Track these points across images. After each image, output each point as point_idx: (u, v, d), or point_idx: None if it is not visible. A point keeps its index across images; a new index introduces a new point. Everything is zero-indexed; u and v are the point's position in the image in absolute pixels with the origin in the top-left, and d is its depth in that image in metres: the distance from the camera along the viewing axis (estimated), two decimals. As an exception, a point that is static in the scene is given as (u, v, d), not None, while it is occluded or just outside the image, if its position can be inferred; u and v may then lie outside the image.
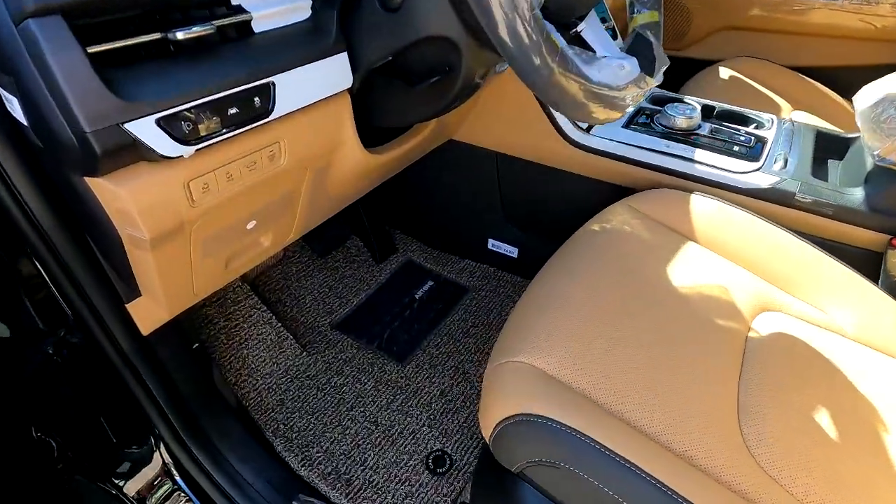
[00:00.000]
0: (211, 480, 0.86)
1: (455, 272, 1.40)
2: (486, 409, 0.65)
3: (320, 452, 0.95)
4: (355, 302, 1.30)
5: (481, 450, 0.75)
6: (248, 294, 1.11)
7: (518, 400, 0.58)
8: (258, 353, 1.08)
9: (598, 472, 0.51)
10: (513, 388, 0.60)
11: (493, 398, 0.64)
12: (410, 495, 0.89)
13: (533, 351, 0.63)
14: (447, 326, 1.23)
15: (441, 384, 1.09)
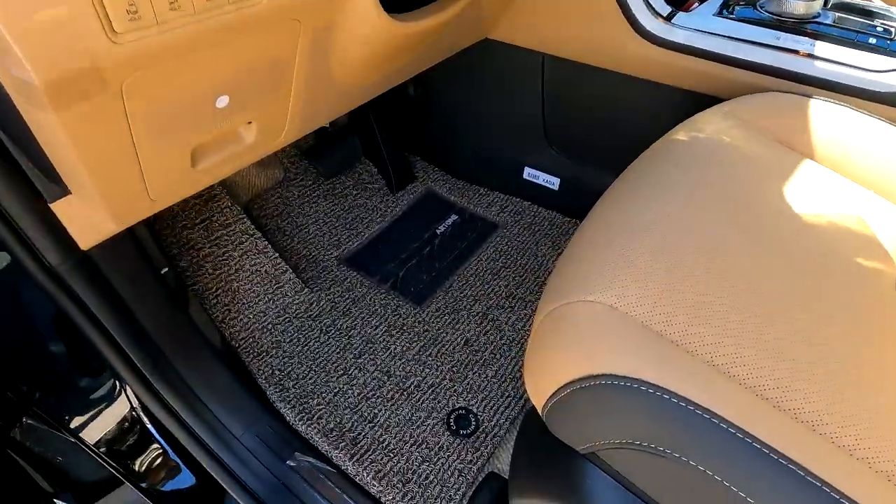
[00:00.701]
0: (189, 432, 0.72)
1: (483, 206, 1.20)
2: (540, 366, 0.48)
3: (322, 405, 0.80)
4: (367, 235, 1.12)
5: (524, 415, 0.58)
6: (240, 217, 0.93)
7: (600, 355, 0.40)
8: (251, 286, 0.92)
9: (742, 473, 0.33)
10: (590, 337, 0.42)
11: (552, 351, 0.46)
12: (428, 460, 0.74)
13: (614, 288, 0.44)
14: (473, 266, 1.05)
15: (465, 332, 0.92)
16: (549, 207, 1.17)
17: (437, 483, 0.72)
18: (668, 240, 0.49)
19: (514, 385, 0.83)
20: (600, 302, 0.44)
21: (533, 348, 0.52)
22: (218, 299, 0.87)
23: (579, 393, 0.41)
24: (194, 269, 0.86)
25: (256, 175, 1.07)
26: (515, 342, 0.90)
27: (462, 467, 0.73)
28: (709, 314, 0.42)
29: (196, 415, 0.71)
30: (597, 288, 0.45)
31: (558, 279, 0.52)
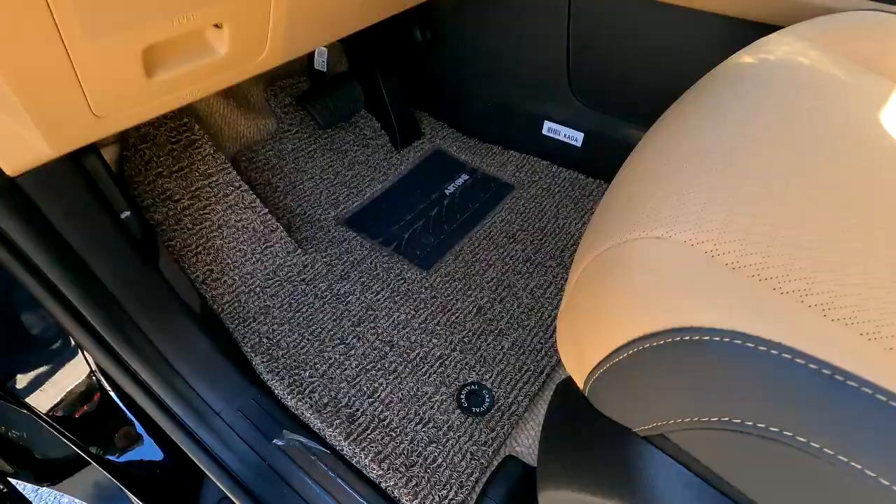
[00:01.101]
0: (159, 405, 0.62)
1: (497, 166, 1.09)
2: (581, 328, 0.37)
3: (315, 377, 0.70)
4: (368, 194, 1.01)
5: (556, 390, 0.48)
6: (224, 167, 0.83)
7: (682, 303, 0.29)
8: (236, 245, 0.81)
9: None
10: (664, 282, 0.31)
11: (601, 305, 0.35)
12: (435, 440, 0.65)
13: (691, 220, 0.33)
14: (486, 229, 0.94)
15: (478, 299, 0.81)
16: (571, 167, 1.06)
17: (446, 467, 0.62)
18: (754, 165, 0.38)
19: (533, 358, 0.73)
20: (672, 237, 0.33)
21: (571, 307, 0.41)
22: (198, 258, 0.77)
23: (645, 356, 0.31)
24: (171, 222, 0.76)
25: (245, 125, 0.95)
26: (534, 311, 0.79)
27: (475, 449, 0.64)
28: (818, 257, 0.31)
29: (168, 385, 0.61)
30: (667, 220, 0.34)
31: (605, 218, 0.41)
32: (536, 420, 0.67)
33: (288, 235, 0.86)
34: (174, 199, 0.77)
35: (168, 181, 0.77)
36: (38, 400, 0.59)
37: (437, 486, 0.61)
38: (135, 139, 0.75)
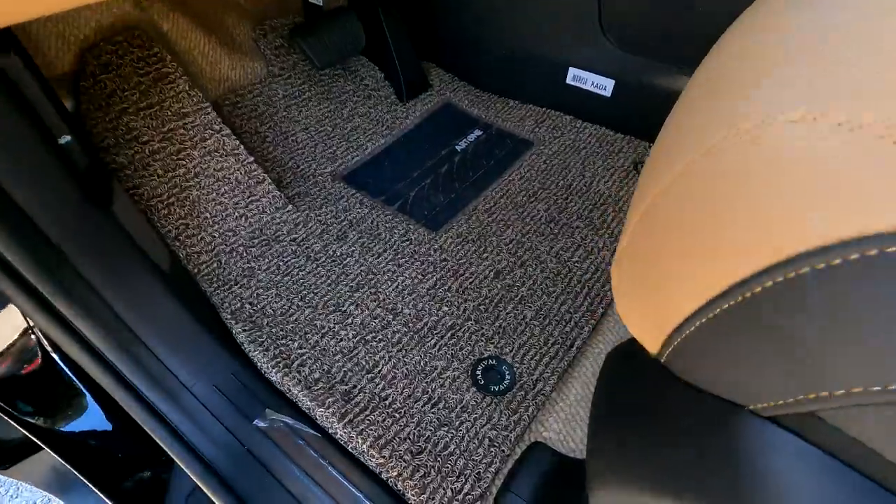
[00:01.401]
0: (115, 375, 0.51)
1: (513, 121, 0.97)
2: (679, 266, 0.26)
3: (305, 348, 0.60)
4: (369, 149, 0.90)
5: (609, 359, 0.37)
6: (202, 107, 0.71)
7: (853, 203, 0.18)
8: (216, 197, 0.70)
9: None
10: (824, 176, 0.19)
11: (705, 230, 0.24)
12: (447, 423, 0.54)
13: (837, 94, 0.22)
14: (504, 187, 0.83)
15: (495, 262, 0.70)
16: (597, 121, 0.94)
17: (459, 455, 0.52)
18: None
19: (561, 329, 0.62)
20: (821, 118, 0.22)
21: (633, 251, 0.30)
22: (170, 210, 0.66)
23: (783, 294, 0.20)
24: (137, 167, 0.65)
25: (230, 66, 0.84)
26: (561, 276, 0.68)
27: (494, 435, 0.53)
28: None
29: (124, 352, 0.51)
30: (807, 95, 0.22)
31: (692, 120, 0.30)
32: (566, 400, 0.56)
33: (277, 189, 0.75)
34: (141, 141, 0.66)
35: (134, 119, 0.65)
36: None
37: (450, 477, 0.50)
38: (94, 67, 0.64)
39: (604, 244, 0.72)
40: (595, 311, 0.64)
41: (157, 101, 0.67)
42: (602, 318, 0.64)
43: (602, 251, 0.71)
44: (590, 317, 0.63)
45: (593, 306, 0.64)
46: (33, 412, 0.54)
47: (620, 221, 0.75)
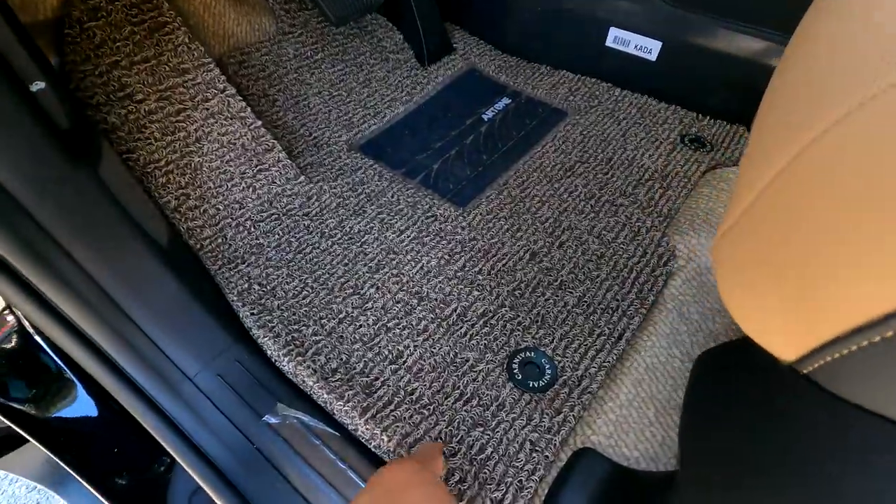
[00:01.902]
0: (109, 365, 0.45)
1: (545, 88, 0.88)
2: (837, 255, 0.19)
3: (321, 335, 0.53)
4: (388, 116, 0.82)
5: (707, 358, 0.30)
6: (204, 63, 0.63)
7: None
8: (220, 164, 0.63)
9: None
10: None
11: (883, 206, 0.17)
12: (482, 423, 0.48)
13: None
14: (536, 161, 0.75)
15: (531, 242, 0.63)
16: (639, 89, 0.85)
17: (498, 459, 0.45)
18: None
19: (607, 318, 0.55)
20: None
21: (750, 232, 0.24)
22: (169, 178, 0.59)
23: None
24: (131, 128, 0.57)
25: (235, 21, 0.76)
26: (605, 258, 0.61)
27: (536, 437, 0.47)
28: None
29: (117, 337, 0.44)
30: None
31: (832, 71, 0.22)
32: (616, 400, 0.49)
33: (288, 159, 0.68)
34: (136, 99, 0.58)
35: (127, 73, 0.58)
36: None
37: (489, 485, 0.44)
38: (80, 13, 0.56)
39: (652, 224, 0.64)
40: (645, 300, 0.57)
41: (153, 55, 0.60)
42: (653, 307, 0.57)
43: (651, 231, 0.63)
44: (639, 305, 0.56)
45: (643, 293, 0.57)
46: (17, 400, 0.48)
47: (669, 199, 0.67)
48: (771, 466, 0.22)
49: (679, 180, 0.70)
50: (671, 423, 0.48)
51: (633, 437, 0.47)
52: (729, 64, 0.75)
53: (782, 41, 0.70)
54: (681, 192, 0.68)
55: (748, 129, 0.77)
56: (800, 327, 0.22)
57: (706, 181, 0.70)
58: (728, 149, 0.74)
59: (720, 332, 0.55)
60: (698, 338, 0.55)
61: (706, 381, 0.30)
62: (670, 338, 0.54)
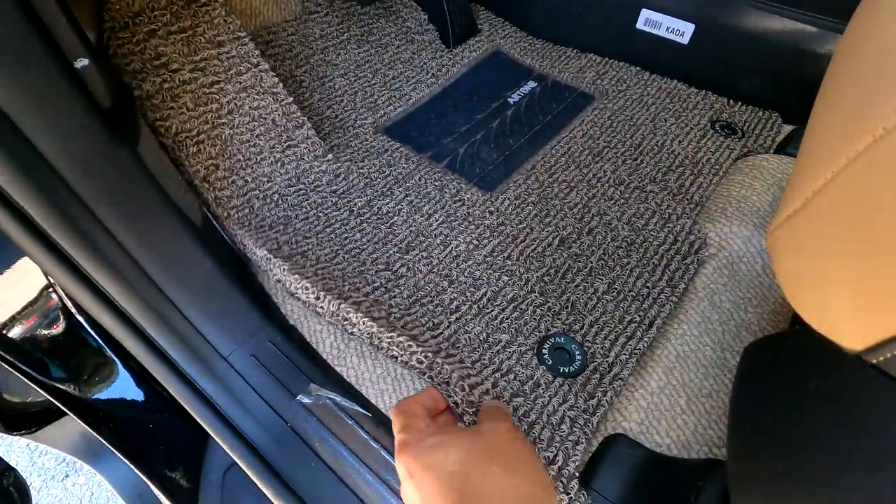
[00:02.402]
0: (148, 343, 0.46)
1: (571, 72, 0.87)
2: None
3: (350, 310, 0.54)
4: (413, 99, 0.81)
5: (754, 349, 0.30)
6: (239, 37, 0.63)
7: None
8: (250, 137, 0.63)
9: None
10: None
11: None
12: (522, 395, 0.48)
13: None
14: (564, 145, 0.74)
15: (560, 228, 0.63)
16: (669, 73, 0.83)
17: (544, 425, 0.45)
18: None
19: (637, 305, 0.55)
20: None
21: (823, 211, 0.23)
22: (200, 148, 0.59)
23: None
24: (165, 97, 0.57)
25: (263, 0, 0.75)
26: (635, 245, 0.60)
27: (574, 415, 0.47)
28: None
29: (156, 316, 0.45)
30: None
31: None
32: (647, 387, 0.49)
33: (316, 135, 0.68)
34: (171, 69, 0.58)
35: (163, 43, 0.57)
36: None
37: (539, 444, 0.44)
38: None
39: (683, 211, 0.63)
40: (676, 287, 0.56)
41: (189, 26, 0.59)
42: (684, 295, 0.56)
43: (681, 219, 0.63)
44: (670, 293, 0.56)
45: (674, 281, 0.57)
46: (61, 379, 0.49)
47: (700, 186, 0.66)
48: (836, 456, 0.22)
49: (710, 167, 0.69)
50: (703, 411, 0.48)
51: (665, 424, 0.47)
52: (763, 48, 0.73)
53: (821, 24, 0.68)
54: (712, 180, 0.67)
55: (781, 115, 0.76)
56: (871, 317, 0.21)
57: (738, 168, 0.68)
58: (760, 136, 0.73)
59: (752, 322, 0.55)
60: (729, 326, 0.54)
61: (757, 372, 0.29)
62: (701, 326, 0.54)
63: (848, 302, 0.23)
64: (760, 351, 0.30)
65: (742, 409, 0.29)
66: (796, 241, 0.26)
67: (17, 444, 1.01)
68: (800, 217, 0.26)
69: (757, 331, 0.54)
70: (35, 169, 0.37)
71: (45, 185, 0.37)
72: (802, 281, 0.25)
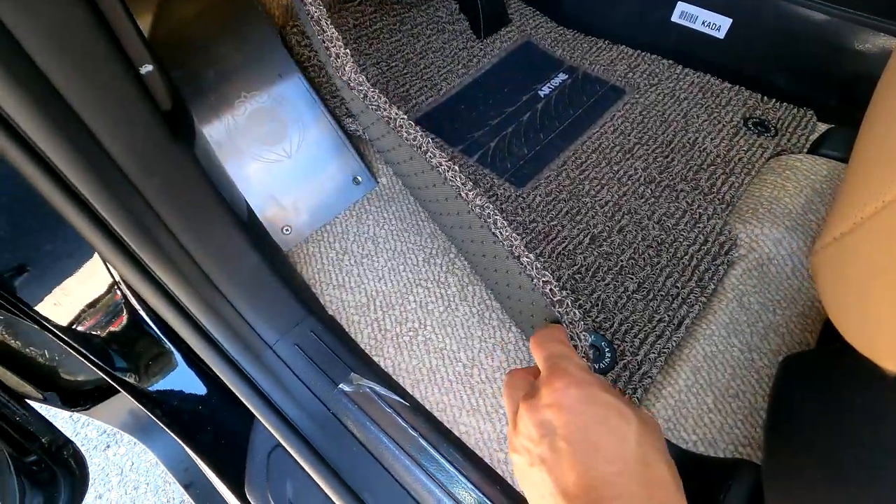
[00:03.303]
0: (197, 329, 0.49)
1: (602, 65, 0.86)
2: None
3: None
4: (444, 90, 0.82)
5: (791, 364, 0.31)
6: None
7: None
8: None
9: None
10: None
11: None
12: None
13: None
14: (595, 141, 0.74)
15: (590, 226, 0.64)
16: (702, 68, 0.83)
17: None
18: None
19: (667, 305, 0.56)
20: None
21: (873, 238, 0.24)
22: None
23: None
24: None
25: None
26: (665, 245, 0.61)
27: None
28: None
29: (209, 307, 0.48)
30: None
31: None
32: (675, 385, 0.51)
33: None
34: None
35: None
36: (55, 313, 0.46)
37: None
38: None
39: (714, 211, 0.64)
40: (706, 288, 0.57)
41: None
42: (713, 296, 0.57)
43: (712, 219, 0.63)
44: (699, 293, 0.57)
45: (703, 282, 0.58)
46: (123, 369, 0.52)
47: (731, 185, 0.67)
48: (871, 471, 0.24)
49: (742, 166, 0.69)
50: (730, 411, 0.50)
51: (692, 421, 0.49)
52: (801, 44, 0.72)
53: (861, 21, 0.67)
54: (744, 179, 0.67)
55: (817, 114, 0.75)
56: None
57: (770, 168, 0.68)
58: (794, 134, 0.72)
59: (780, 324, 0.56)
60: (758, 328, 0.55)
61: (796, 385, 0.31)
62: (729, 327, 0.55)
63: (892, 326, 0.24)
64: (797, 365, 0.31)
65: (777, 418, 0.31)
66: (842, 262, 0.27)
67: (61, 416, 1.06)
68: (848, 239, 0.27)
69: (785, 333, 0.55)
70: (103, 168, 0.39)
71: (112, 184, 0.39)
72: (847, 301, 0.27)
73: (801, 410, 0.29)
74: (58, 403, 0.60)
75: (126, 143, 0.38)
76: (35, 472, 0.54)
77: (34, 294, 0.45)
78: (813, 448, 0.27)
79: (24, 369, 0.56)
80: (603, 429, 0.27)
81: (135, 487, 1.00)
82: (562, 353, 0.32)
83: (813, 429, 0.28)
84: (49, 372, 0.58)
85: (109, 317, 0.47)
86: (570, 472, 0.26)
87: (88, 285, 0.45)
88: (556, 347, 0.33)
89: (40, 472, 0.54)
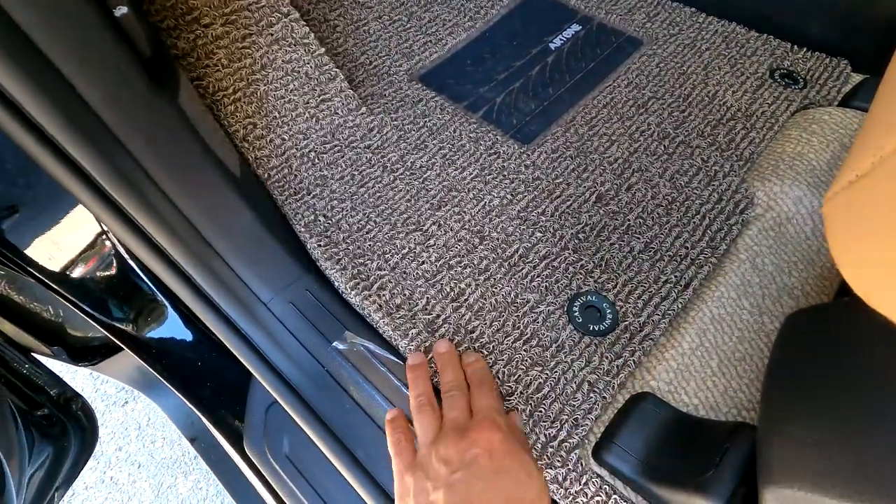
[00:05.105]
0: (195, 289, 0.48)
1: (619, 13, 0.81)
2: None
3: (385, 270, 0.55)
4: (450, 44, 0.78)
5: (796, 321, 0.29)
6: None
7: None
8: (285, 93, 0.63)
9: None
10: None
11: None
12: (541, 363, 0.49)
13: None
14: (606, 95, 0.70)
15: (597, 183, 0.61)
16: (727, 15, 0.77)
17: (554, 398, 0.47)
18: None
19: (674, 266, 0.54)
20: None
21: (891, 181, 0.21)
22: (237, 107, 0.59)
23: None
24: (200, 54, 0.57)
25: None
26: (676, 204, 0.58)
27: (594, 379, 0.48)
28: None
29: (201, 263, 0.47)
30: None
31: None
32: (678, 348, 0.49)
33: (350, 89, 0.67)
34: (203, 24, 0.57)
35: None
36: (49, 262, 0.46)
37: (543, 422, 0.46)
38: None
39: (730, 168, 0.60)
40: (717, 248, 0.54)
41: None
42: (725, 257, 0.54)
43: (728, 177, 0.60)
44: (710, 254, 0.54)
45: (714, 242, 0.55)
46: (119, 318, 0.52)
47: (752, 141, 0.63)
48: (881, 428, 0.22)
49: (765, 120, 0.64)
50: (734, 374, 0.48)
51: (694, 385, 0.47)
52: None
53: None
54: (766, 134, 0.63)
55: (851, 63, 0.69)
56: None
57: (795, 122, 0.64)
58: (825, 86, 0.67)
59: (795, 286, 0.53)
60: (771, 290, 0.53)
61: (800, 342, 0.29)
62: (741, 289, 0.53)
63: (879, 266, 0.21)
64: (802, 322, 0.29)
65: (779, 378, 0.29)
66: (858, 207, 0.24)
67: (81, 373, 1.11)
68: (865, 181, 0.24)
69: (800, 296, 0.52)
70: (81, 117, 0.38)
71: (91, 134, 0.38)
72: (860, 251, 0.24)
73: (801, 366, 0.27)
74: (66, 358, 0.62)
75: (105, 91, 0.37)
76: (45, 425, 0.56)
77: (23, 238, 0.45)
78: (815, 410, 0.25)
79: (30, 325, 0.57)
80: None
81: (152, 441, 1.04)
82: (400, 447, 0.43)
83: (815, 388, 0.26)
84: (56, 328, 0.60)
85: (101, 267, 0.47)
86: None
87: (77, 235, 0.45)
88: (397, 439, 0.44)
89: (50, 426, 0.56)
